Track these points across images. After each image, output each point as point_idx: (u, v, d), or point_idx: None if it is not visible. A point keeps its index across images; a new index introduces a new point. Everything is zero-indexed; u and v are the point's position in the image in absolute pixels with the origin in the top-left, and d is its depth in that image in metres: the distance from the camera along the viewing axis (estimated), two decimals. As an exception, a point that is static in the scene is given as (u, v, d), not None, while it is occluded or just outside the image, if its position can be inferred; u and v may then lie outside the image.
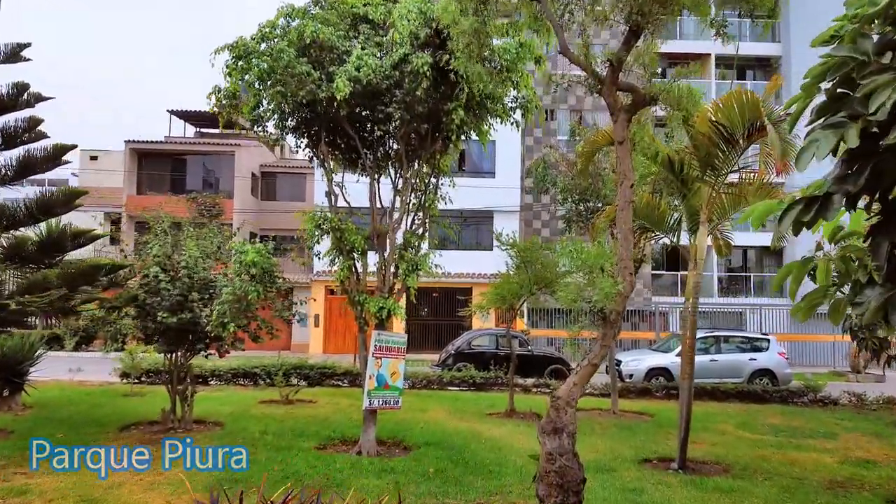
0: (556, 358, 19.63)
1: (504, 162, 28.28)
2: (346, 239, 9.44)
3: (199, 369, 16.55)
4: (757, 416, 14.67)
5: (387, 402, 9.74)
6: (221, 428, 11.12)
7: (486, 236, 27.84)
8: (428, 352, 25.55)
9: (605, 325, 5.96)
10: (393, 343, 9.82)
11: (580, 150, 13.58)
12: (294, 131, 9.98)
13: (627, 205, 5.80)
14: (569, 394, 5.92)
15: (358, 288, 9.76)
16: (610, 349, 14.77)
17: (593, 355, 5.79)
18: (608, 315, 5.95)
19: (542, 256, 12.49)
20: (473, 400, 15.05)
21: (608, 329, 5.86)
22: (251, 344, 26.55)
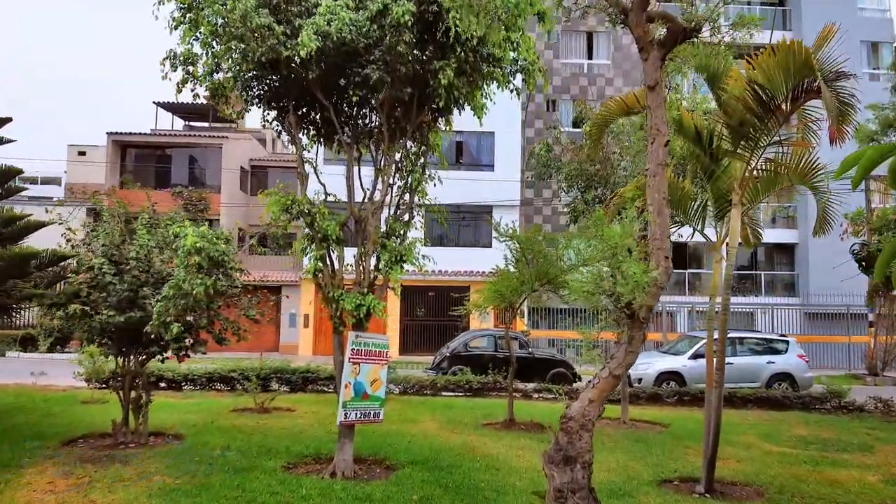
0: (559, 361, 18.26)
1: (503, 154, 26.94)
2: (319, 225, 8.10)
3: (171, 373, 15.32)
4: (781, 426, 13.32)
5: (366, 414, 8.39)
6: (180, 442, 9.77)
7: (485, 233, 26.52)
8: (423, 353, 24.23)
9: (632, 324, 4.63)
10: (374, 346, 8.47)
11: (588, 129, 12.22)
12: (259, 100, 8.63)
13: (661, 169, 4.48)
14: (583, 414, 4.59)
15: (333, 282, 8.42)
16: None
17: (616, 364, 4.48)
18: (636, 311, 4.62)
19: (546, 249, 11.13)
20: (469, 408, 13.70)
21: (636, 330, 4.54)
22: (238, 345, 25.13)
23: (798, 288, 30.62)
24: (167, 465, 8.30)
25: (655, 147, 4.64)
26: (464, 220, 27.49)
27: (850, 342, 27.30)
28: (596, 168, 13.01)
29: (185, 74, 8.46)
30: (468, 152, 27.60)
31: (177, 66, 8.36)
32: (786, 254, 31.34)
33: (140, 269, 9.01)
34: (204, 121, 35.88)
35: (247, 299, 9.58)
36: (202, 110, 34.74)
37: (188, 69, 8.36)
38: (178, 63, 8.33)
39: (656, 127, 4.68)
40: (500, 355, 17.46)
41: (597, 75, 28.27)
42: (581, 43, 28.95)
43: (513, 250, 11.99)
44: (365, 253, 8.39)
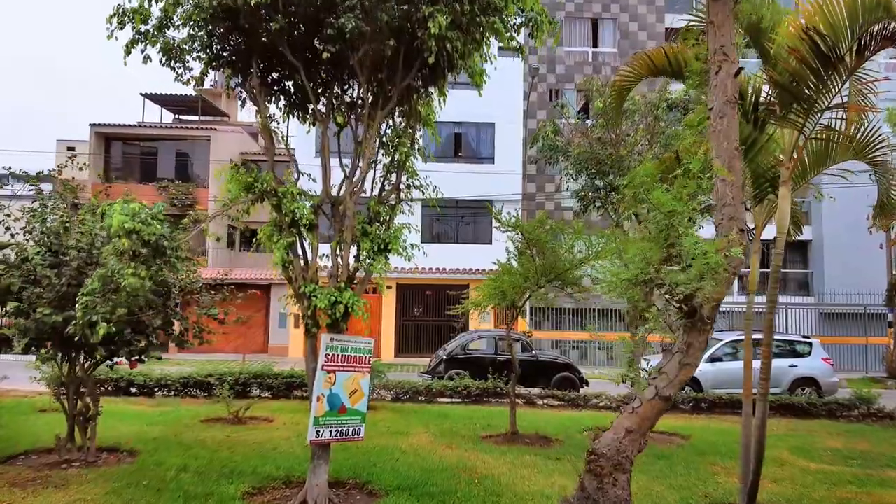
0: (565, 364, 16.94)
1: (504, 147, 25.64)
2: (287, 207, 6.81)
3: (143, 378, 14.03)
4: (812, 438, 12.04)
5: (343, 431, 7.10)
6: (133, 460, 8.49)
7: (485, 229, 25.23)
8: (420, 355, 22.95)
9: (690, 326, 3.36)
10: (353, 351, 7.19)
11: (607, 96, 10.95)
12: (220, 62, 7.33)
13: (730, 107, 3.23)
14: (618, 449, 3.39)
15: (305, 276, 7.13)
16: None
17: (667, 382, 3.21)
18: (697, 308, 3.35)
19: (553, 241, 9.85)
20: (467, 417, 12.40)
21: (695, 334, 3.28)
22: (224, 346, 23.49)
23: (812, 287, 29.31)
24: (108, 491, 7.03)
25: (722, 78, 3.40)
26: (463, 218, 26.18)
27: (868, 343, 26.04)
28: (608, 153, 11.71)
29: (136, 34, 7.18)
30: (467, 144, 26.30)
31: (125, 24, 7.08)
32: (799, 251, 30.01)
33: (83, 261, 7.73)
34: (194, 114, 34.56)
35: (209, 296, 8.29)
36: (192, 103, 33.43)
37: (140, 29, 7.09)
38: (127, 20, 7.06)
39: (722, 51, 3.44)
40: (501, 358, 16.15)
41: (602, 63, 26.95)
42: (585, 30, 27.66)
43: (515, 242, 10.72)
44: (343, 241, 7.10)
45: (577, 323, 25.39)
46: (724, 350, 16.62)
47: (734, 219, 3.46)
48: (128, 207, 5.42)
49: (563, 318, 25.48)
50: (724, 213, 3.54)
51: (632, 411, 3.48)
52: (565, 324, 25.52)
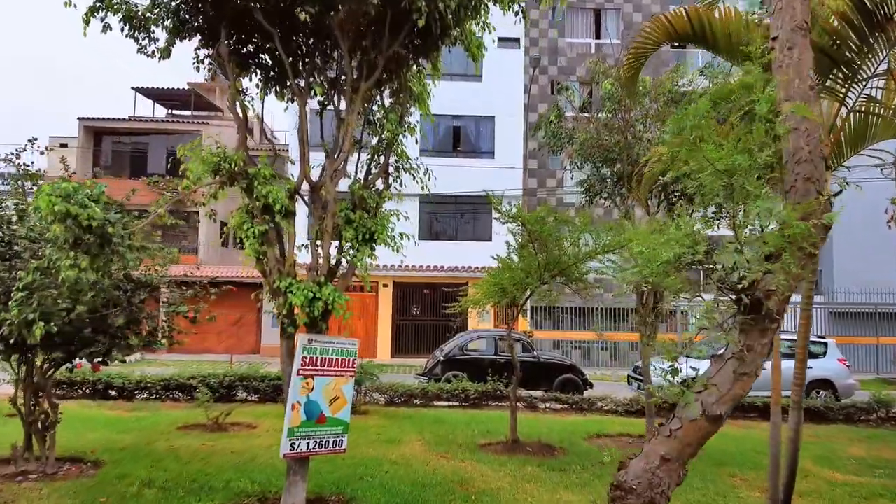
0: (568, 366, 16.14)
1: (504, 140, 24.85)
2: (259, 191, 6.03)
3: (122, 381, 13.26)
4: (833, 445, 11.26)
5: (322, 443, 6.32)
6: (96, 472, 7.71)
7: (484, 225, 24.45)
8: (418, 356, 22.18)
9: (752, 325, 2.59)
10: (335, 353, 6.40)
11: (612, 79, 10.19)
12: (185, 30, 6.56)
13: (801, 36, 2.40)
14: (650, 482, 2.71)
15: (281, 269, 6.35)
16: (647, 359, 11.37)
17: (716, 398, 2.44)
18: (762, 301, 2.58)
19: (559, 233, 9.06)
20: (464, 422, 11.61)
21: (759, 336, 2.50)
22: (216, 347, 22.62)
23: (821, 285, 28.50)
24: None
25: (787, 2, 2.64)
26: (462, 215, 25.38)
27: (879, 343, 25.27)
28: (616, 140, 10.91)
29: (96, 1, 6.41)
30: (466, 138, 25.51)
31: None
32: (807, 249, 29.22)
33: (34, 252, 6.96)
34: (187, 109, 33.76)
35: (178, 293, 7.52)
36: (185, 98, 32.67)
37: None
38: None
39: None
40: (501, 360, 15.37)
41: (605, 55, 26.12)
42: (588, 21, 26.87)
43: (516, 235, 9.93)
44: (323, 230, 6.32)
45: (579, 322, 24.60)
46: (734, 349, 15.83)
47: (812, 179, 2.71)
48: (59, 187, 4.63)
49: (565, 318, 24.70)
50: (799, 172, 2.78)
51: (669, 434, 2.73)
52: (567, 323, 24.73)
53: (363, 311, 24.26)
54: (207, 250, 27.15)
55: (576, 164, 11.23)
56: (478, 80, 25.03)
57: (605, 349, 24.67)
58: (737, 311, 2.78)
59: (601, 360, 24.47)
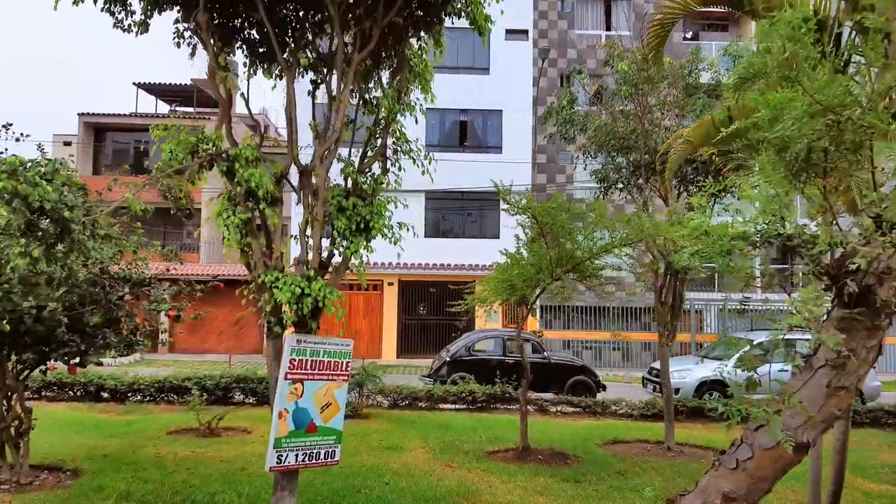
0: (580, 367, 15.47)
1: (512, 135, 24.19)
2: (241, 175, 5.43)
3: (115, 382, 12.71)
4: (864, 452, 10.57)
5: (312, 455, 5.71)
6: (73, 482, 7.14)
7: (492, 222, 23.79)
8: (424, 356, 21.57)
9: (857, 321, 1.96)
10: (327, 355, 5.79)
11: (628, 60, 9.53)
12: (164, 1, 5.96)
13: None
14: None
15: (267, 262, 5.75)
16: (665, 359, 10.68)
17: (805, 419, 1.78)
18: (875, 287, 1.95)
19: (572, 224, 8.42)
20: (471, 427, 10.98)
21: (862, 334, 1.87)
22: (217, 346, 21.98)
23: (839, 284, 27.68)
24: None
25: None
26: (469, 212, 24.73)
27: (898, 344, 24.46)
28: (632, 128, 10.26)
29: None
30: (473, 133, 24.85)
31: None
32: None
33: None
34: (190, 105, 33.28)
35: (160, 289, 6.93)
36: (187, 93, 32.17)
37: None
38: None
39: None
40: (510, 361, 14.72)
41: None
42: (598, 12, 26.17)
43: (526, 229, 9.30)
44: (313, 219, 5.70)
45: (590, 322, 23.91)
46: (755, 352, 15.13)
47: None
48: (4, 161, 4.04)
49: (576, 317, 24.02)
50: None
51: (735, 466, 2.10)
52: (578, 323, 24.04)
53: (368, 310, 23.67)
54: (211, 248, 26.64)
55: (589, 153, 10.57)
56: (485, 73, 24.40)
57: (618, 349, 23.97)
58: (836, 302, 2.15)
59: (613, 361, 23.77)
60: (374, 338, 23.54)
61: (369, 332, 23.53)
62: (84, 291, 6.63)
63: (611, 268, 9.40)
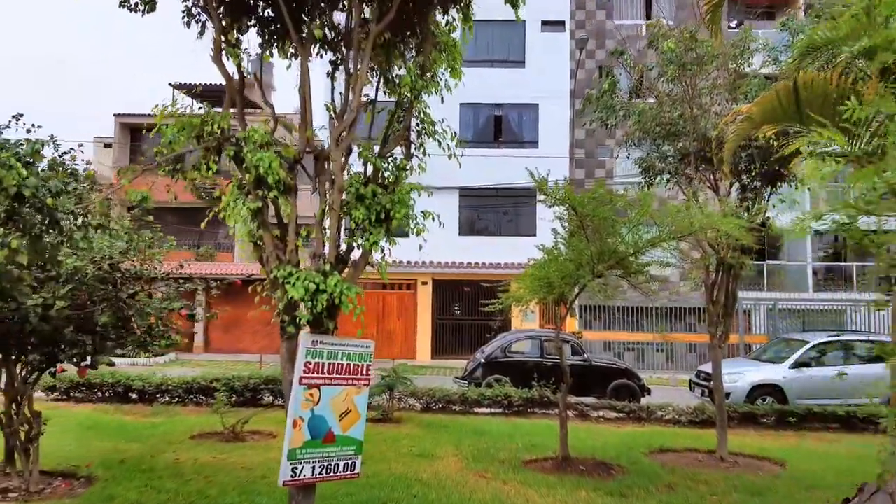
0: (622, 370, 14.71)
1: (548, 129, 23.47)
2: (250, 160, 4.95)
3: (142, 383, 12.46)
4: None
5: (330, 466, 5.21)
6: (85, 490, 6.78)
7: (529, 220, 23.10)
8: (459, 357, 20.99)
9: None
10: (346, 357, 5.28)
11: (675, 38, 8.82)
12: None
13: None
14: None
15: (280, 256, 5.27)
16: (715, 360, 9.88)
17: None
18: None
19: (614, 216, 7.76)
20: (507, 434, 10.39)
21: None
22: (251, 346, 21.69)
23: None
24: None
25: None
26: (506, 212, 24.08)
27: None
28: (678, 113, 9.53)
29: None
30: (508, 128, 24.20)
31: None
32: (881, 242, 26.86)
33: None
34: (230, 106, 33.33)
35: (173, 287, 6.52)
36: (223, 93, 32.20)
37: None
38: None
39: None
40: (548, 363, 14.05)
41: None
42: (638, 1, 25.25)
43: (564, 221, 8.67)
44: (330, 208, 5.19)
45: (632, 322, 23.05)
46: (811, 354, 14.20)
47: None
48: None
49: (617, 318, 23.17)
50: None
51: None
52: (619, 323, 23.19)
53: (402, 309, 23.22)
54: (245, 247, 26.54)
55: (632, 142, 9.87)
56: (520, 66, 23.74)
57: (661, 351, 23.03)
58: None
59: (657, 363, 22.85)
60: (408, 338, 23.08)
61: (403, 332, 23.08)
62: (92, 289, 6.25)
63: (656, 264, 8.70)
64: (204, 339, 24.52)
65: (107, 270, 6.38)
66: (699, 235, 8.53)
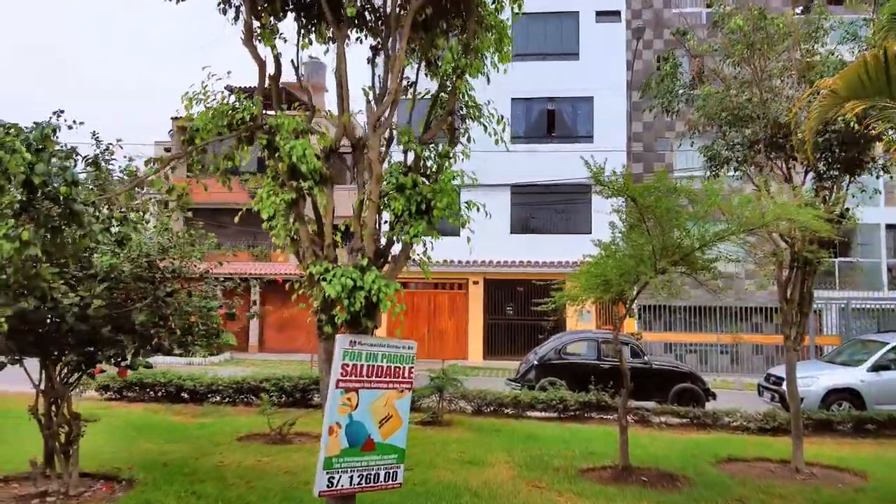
0: (686, 373, 13.93)
1: (604, 123, 22.69)
2: (283, 149, 4.64)
3: (193, 383, 12.44)
4: None
5: (369, 476, 4.86)
6: (124, 494, 6.62)
7: (583, 217, 22.39)
8: (512, 358, 20.46)
9: None
10: (385, 359, 4.91)
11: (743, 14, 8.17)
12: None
13: None
14: None
15: (316, 251, 4.94)
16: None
17: None
18: None
19: (680, 206, 7.18)
20: (563, 440, 9.87)
21: None
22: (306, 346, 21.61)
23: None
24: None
25: None
26: (560, 211, 23.39)
27: None
28: (747, 97, 8.83)
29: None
30: (561, 122, 23.52)
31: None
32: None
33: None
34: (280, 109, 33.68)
35: (210, 285, 6.29)
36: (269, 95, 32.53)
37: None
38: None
39: None
40: (605, 365, 13.42)
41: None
42: (698, -13, 24.25)
43: (622, 214, 8.12)
44: (367, 199, 4.84)
45: (693, 323, 22.08)
46: (891, 356, 13.15)
47: None
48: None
49: (677, 318, 22.23)
50: None
51: None
52: (679, 324, 22.25)
53: (453, 309, 22.85)
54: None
55: (696, 130, 9.21)
56: (574, 59, 23.05)
57: (726, 353, 21.97)
58: None
59: (720, 365, 21.81)
60: (460, 338, 22.69)
61: (454, 332, 22.71)
62: (130, 287, 6.07)
63: (725, 259, 8.05)
64: (259, 339, 24.73)
65: (144, 268, 6.20)
66: (771, 228, 7.86)
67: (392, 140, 5.38)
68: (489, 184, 22.82)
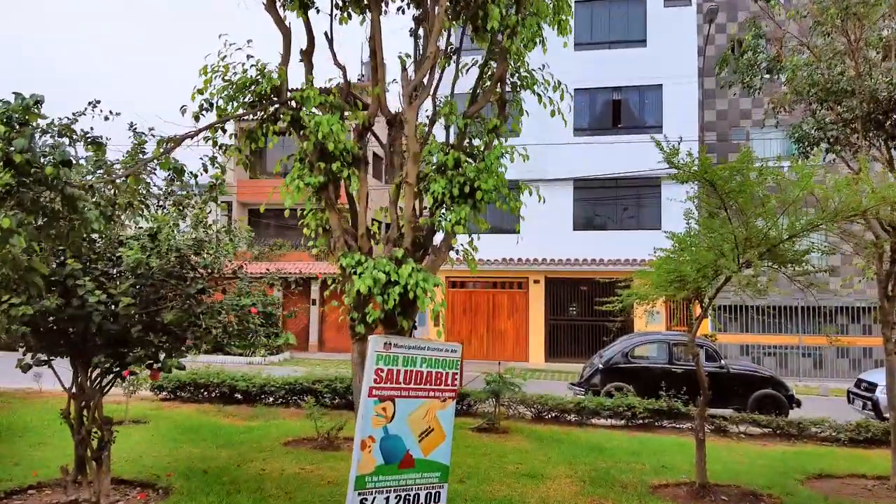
0: (766, 378, 12.77)
1: (674, 111, 21.46)
2: (311, 126, 4.10)
3: (246, 384, 12.19)
4: None
5: (409, 497, 4.26)
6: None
7: (651, 211, 21.28)
8: (575, 360, 19.58)
9: None
10: (424, 364, 4.31)
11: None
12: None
13: None
14: None
15: (348, 241, 4.39)
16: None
17: None
18: None
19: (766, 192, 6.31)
20: (631, 451, 9.05)
21: None
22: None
23: None
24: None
25: None
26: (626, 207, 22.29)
27: None
28: (839, 72, 7.82)
29: None
30: (628, 112, 22.39)
31: None
32: None
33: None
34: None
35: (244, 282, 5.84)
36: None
37: None
38: None
39: None
40: (678, 370, 12.44)
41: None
42: (775, -35, 22.68)
43: (697, 201, 7.26)
44: (404, 181, 4.25)
45: (771, 324, 20.64)
46: None
47: None
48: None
49: (754, 318, 20.82)
50: None
51: None
52: (756, 325, 20.84)
53: (513, 309, 22.09)
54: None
55: (782, 107, 8.24)
56: (641, 45, 21.92)
57: (808, 356, 20.44)
58: None
59: (803, 370, 20.30)
60: (520, 339, 21.92)
61: (514, 333, 21.96)
62: (160, 284, 5.69)
63: (817, 250, 7.10)
64: (318, 339, 24.62)
65: (174, 263, 5.80)
66: (870, 215, 6.88)
67: (435, 120, 4.79)
68: (550, 178, 22.04)
